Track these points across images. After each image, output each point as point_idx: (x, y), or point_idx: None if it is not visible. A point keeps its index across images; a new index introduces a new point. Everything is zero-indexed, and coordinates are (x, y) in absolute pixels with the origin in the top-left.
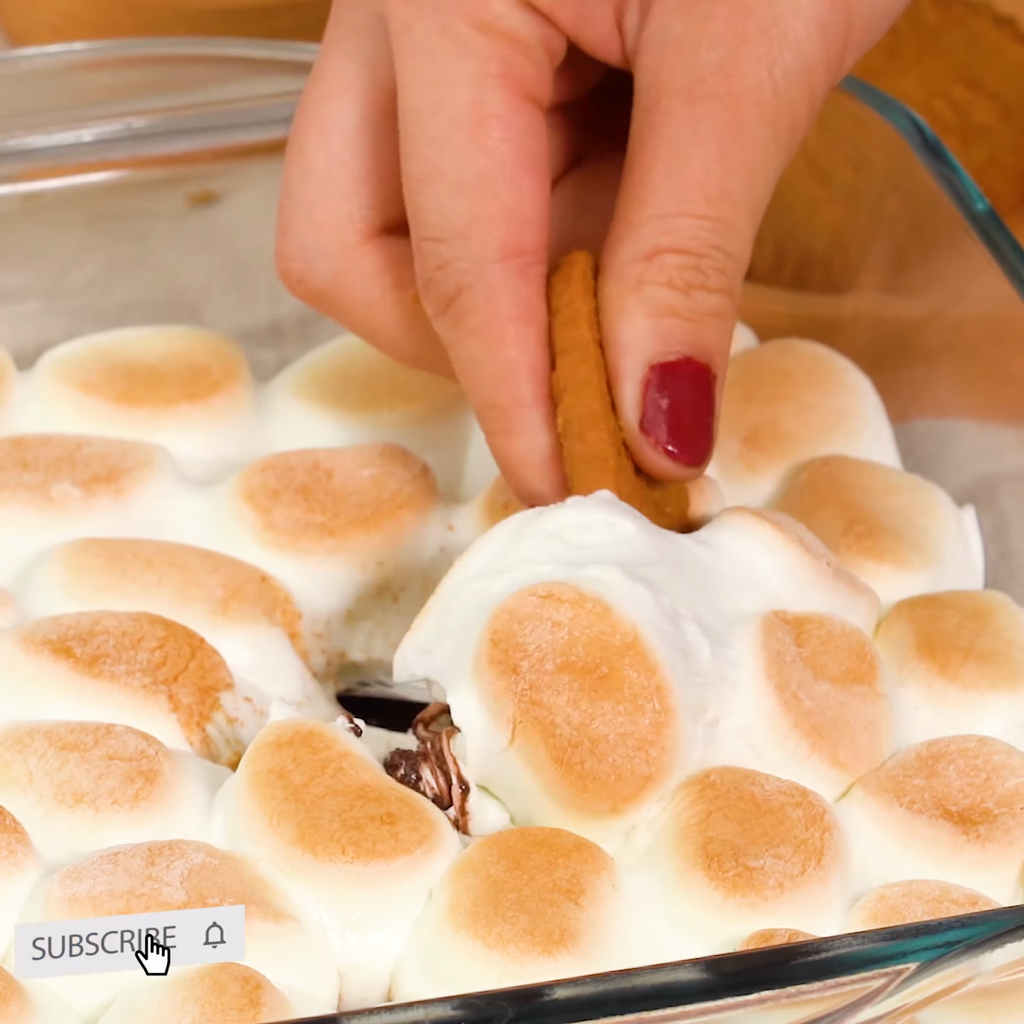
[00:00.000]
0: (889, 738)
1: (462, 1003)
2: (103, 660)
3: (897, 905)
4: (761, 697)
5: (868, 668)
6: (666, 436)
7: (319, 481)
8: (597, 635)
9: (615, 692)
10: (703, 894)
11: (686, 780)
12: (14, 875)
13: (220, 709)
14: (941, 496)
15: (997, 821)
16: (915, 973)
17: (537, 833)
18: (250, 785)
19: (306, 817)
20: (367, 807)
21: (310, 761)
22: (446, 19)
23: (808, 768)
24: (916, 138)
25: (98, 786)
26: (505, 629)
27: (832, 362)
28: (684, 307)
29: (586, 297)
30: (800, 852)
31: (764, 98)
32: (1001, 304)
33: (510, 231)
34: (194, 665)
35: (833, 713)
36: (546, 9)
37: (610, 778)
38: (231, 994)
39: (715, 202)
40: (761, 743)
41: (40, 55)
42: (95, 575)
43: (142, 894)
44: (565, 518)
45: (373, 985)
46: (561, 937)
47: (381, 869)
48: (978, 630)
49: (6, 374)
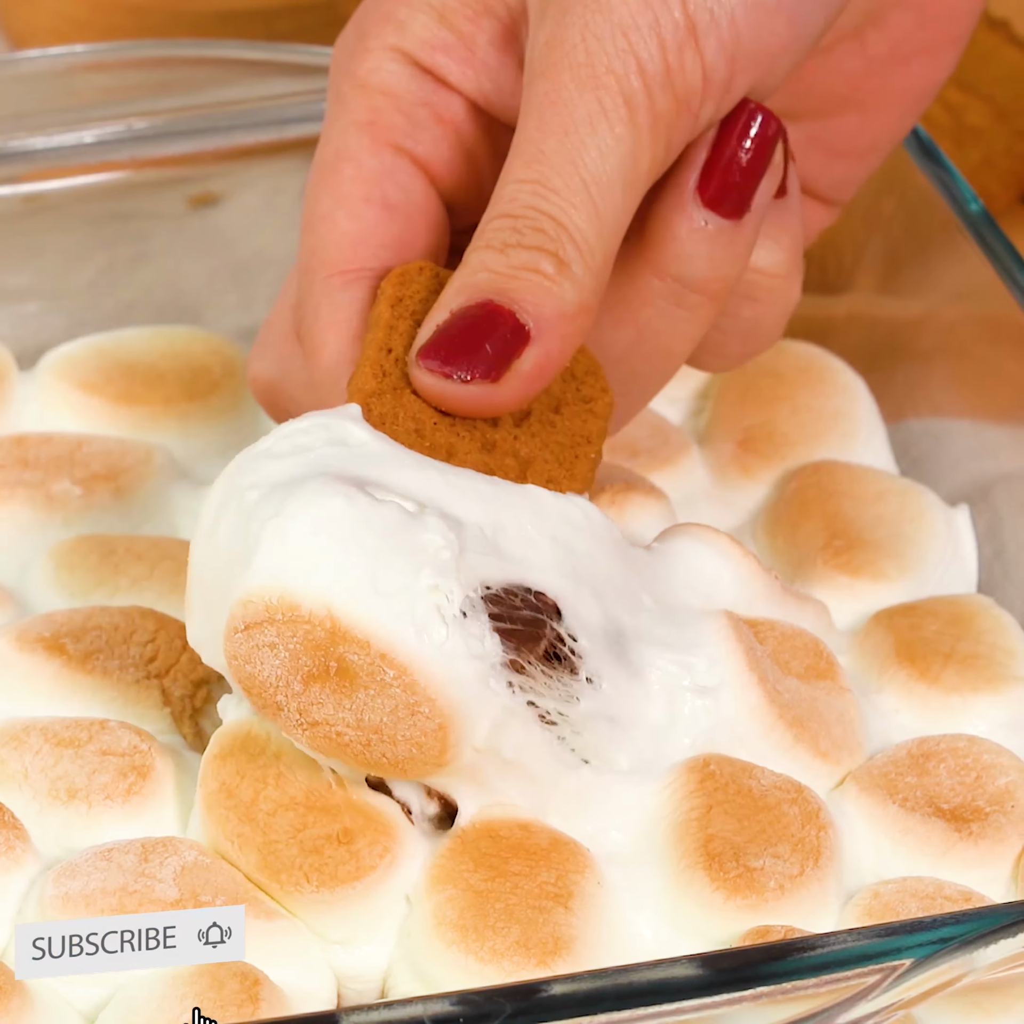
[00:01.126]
0: (861, 728)
1: (460, 999)
2: (96, 656)
3: (891, 902)
4: (745, 689)
5: (828, 665)
6: (434, 353)
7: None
8: (305, 638)
9: (356, 679)
10: (704, 895)
11: (684, 767)
12: (13, 870)
13: (213, 701)
14: (931, 499)
15: (989, 819)
16: (910, 969)
17: (507, 836)
18: (206, 807)
19: (264, 841)
20: (320, 823)
21: (251, 772)
22: (336, 83)
23: (792, 759)
24: (911, 140)
25: (91, 781)
26: (242, 676)
27: (826, 363)
28: (495, 262)
29: (396, 284)
30: (798, 851)
31: (576, 61)
32: (995, 305)
33: (340, 253)
34: (186, 658)
35: (807, 707)
36: (431, 67)
37: (412, 753)
38: (230, 990)
39: (532, 165)
40: (747, 734)
41: (42, 57)
42: (87, 572)
43: (135, 891)
44: (276, 433)
45: (368, 991)
46: (555, 946)
47: (348, 892)
48: (959, 635)
49: (8, 373)
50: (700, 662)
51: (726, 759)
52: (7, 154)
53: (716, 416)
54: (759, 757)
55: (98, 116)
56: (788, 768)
